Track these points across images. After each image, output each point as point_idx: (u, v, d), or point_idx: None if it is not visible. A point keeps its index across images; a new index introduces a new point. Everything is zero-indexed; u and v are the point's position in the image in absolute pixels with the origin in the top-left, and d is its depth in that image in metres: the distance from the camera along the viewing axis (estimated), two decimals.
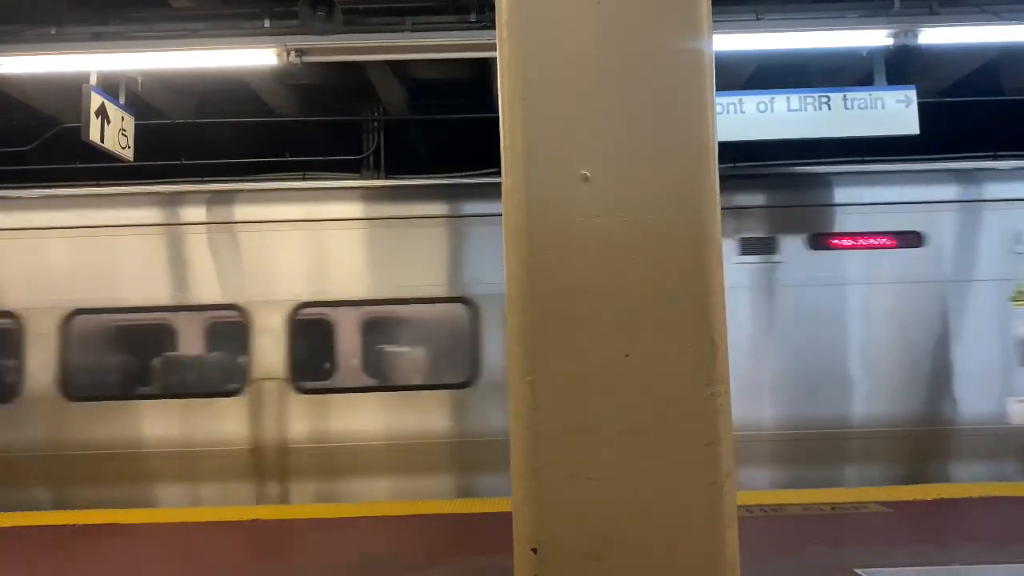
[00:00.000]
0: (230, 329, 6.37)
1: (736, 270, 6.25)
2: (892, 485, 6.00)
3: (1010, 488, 5.67)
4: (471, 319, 6.26)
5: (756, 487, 5.99)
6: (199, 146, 8.89)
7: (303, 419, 6.17)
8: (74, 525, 5.36)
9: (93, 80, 6.77)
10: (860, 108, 6.80)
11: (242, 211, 6.49)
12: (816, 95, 6.87)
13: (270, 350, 6.24)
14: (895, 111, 6.80)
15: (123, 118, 7.12)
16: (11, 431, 6.15)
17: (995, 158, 7.20)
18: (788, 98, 6.86)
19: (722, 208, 2.21)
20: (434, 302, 6.37)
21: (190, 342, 6.72)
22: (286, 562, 4.52)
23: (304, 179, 7.42)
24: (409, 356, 6.71)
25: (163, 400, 6.33)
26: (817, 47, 6.79)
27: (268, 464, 6.14)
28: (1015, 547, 4.31)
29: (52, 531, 5.22)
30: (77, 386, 6.26)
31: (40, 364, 6.21)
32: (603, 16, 2.17)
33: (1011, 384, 6.26)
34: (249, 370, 6.23)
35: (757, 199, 6.53)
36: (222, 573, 4.39)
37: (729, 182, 6.24)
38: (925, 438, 6.24)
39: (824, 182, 6.61)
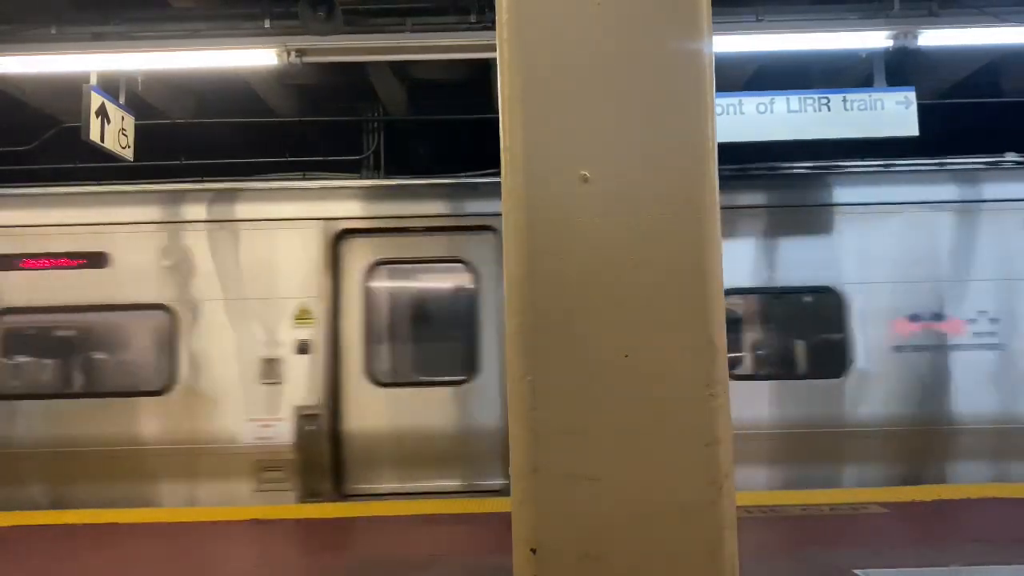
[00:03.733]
0: None
1: None
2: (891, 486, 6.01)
3: (1010, 489, 5.67)
4: None
5: None
6: (199, 146, 8.89)
7: None
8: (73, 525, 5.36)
9: (93, 80, 6.77)
10: (860, 109, 6.81)
11: None
12: (816, 96, 6.87)
13: None
14: (895, 112, 6.80)
15: (123, 118, 7.12)
16: None
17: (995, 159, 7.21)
18: (788, 99, 6.86)
19: None
20: None
21: None
22: (286, 562, 4.52)
23: (304, 179, 7.43)
24: None
25: None
26: (817, 48, 6.80)
27: None
28: (1015, 548, 4.31)
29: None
30: None
31: None
32: (603, 16, 2.17)
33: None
34: None
35: None
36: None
37: None
38: None
39: None
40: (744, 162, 7.02)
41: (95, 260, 6.50)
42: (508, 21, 2.20)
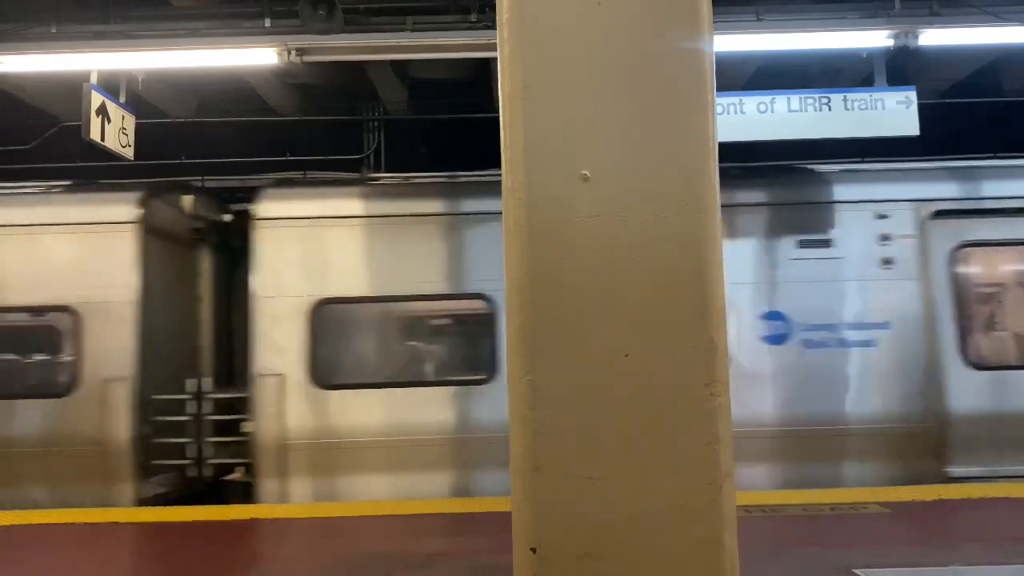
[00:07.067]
0: None
1: None
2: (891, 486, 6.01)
3: (1010, 488, 5.67)
4: None
5: None
6: (199, 145, 8.89)
7: None
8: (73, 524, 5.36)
9: (94, 79, 6.77)
10: (860, 109, 6.80)
11: None
12: (816, 96, 6.87)
13: None
14: (895, 112, 6.80)
15: (123, 117, 7.12)
16: None
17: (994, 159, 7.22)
18: (788, 99, 6.86)
19: None
20: None
21: None
22: (285, 561, 4.52)
23: (305, 178, 7.44)
24: None
25: None
26: (818, 48, 6.79)
27: None
28: (1015, 548, 4.31)
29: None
30: None
31: None
32: (603, 16, 2.17)
33: None
34: None
35: None
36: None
37: None
38: None
39: None
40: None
41: None
42: (508, 20, 2.20)
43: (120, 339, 6.21)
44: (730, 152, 6.83)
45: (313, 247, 6.38)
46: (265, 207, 6.45)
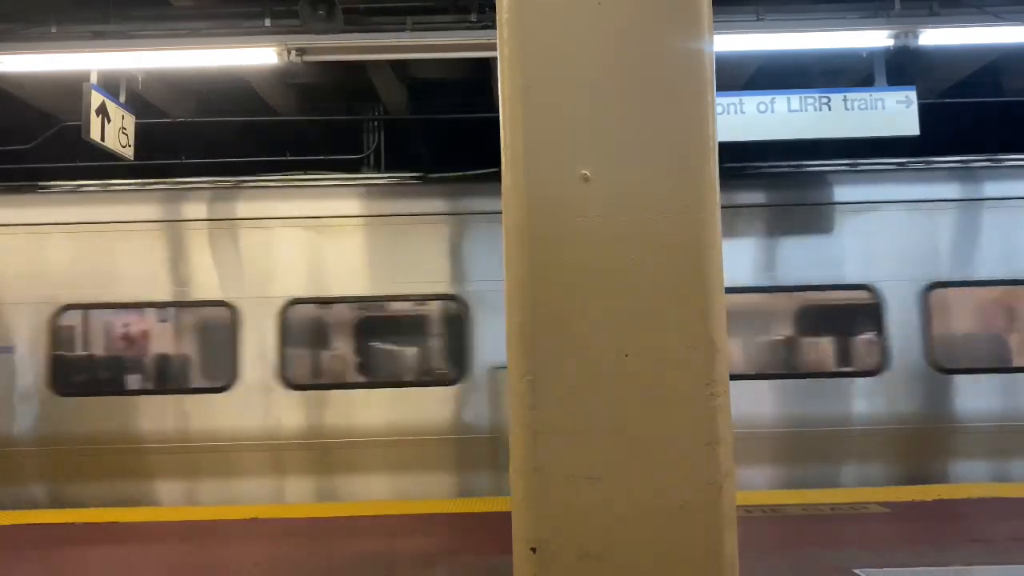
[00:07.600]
0: None
1: None
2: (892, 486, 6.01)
3: (1010, 488, 5.67)
4: None
5: None
6: (199, 145, 8.89)
7: None
8: (73, 524, 5.36)
9: (94, 78, 6.77)
10: (860, 109, 6.80)
11: None
12: (816, 96, 6.86)
13: None
14: (895, 112, 6.79)
15: (123, 116, 7.12)
16: None
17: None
18: (788, 99, 6.85)
19: None
20: None
21: None
22: (285, 561, 4.52)
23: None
24: None
25: None
26: (818, 48, 6.79)
27: None
28: (1014, 548, 4.31)
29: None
30: None
31: None
32: (603, 16, 2.17)
33: None
34: None
35: None
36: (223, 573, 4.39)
37: None
38: None
39: None
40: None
41: None
42: (508, 20, 2.20)
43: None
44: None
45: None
46: None
